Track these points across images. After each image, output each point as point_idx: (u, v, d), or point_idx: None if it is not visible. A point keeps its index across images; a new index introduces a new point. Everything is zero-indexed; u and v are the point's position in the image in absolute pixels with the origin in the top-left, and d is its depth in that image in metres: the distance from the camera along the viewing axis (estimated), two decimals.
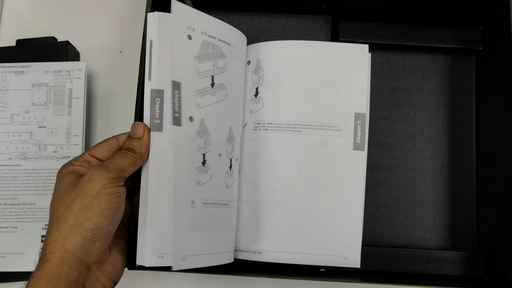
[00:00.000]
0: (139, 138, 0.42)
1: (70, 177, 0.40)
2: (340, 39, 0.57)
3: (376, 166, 0.57)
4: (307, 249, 0.50)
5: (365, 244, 0.55)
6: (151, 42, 0.43)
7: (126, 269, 0.45)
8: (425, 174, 0.57)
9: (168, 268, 0.42)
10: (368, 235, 0.56)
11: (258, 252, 0.50)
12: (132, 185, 0.43)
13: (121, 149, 0.42)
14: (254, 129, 0.52)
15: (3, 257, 0.54)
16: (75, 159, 0.42)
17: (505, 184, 0.50)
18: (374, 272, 0.54)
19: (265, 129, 0.51)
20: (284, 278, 0.54)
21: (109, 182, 0.38)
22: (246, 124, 0.52)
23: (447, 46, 0.57)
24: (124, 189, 0.40)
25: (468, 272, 0.53)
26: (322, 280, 0.55)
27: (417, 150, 0.57)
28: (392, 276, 0.53)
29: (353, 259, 0.50)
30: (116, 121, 0.60)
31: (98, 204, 0.38)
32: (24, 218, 0.55)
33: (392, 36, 0.58)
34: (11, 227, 0.55)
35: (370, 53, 0.52)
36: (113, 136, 0.43)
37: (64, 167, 0.41)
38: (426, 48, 0.58)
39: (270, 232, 0.50)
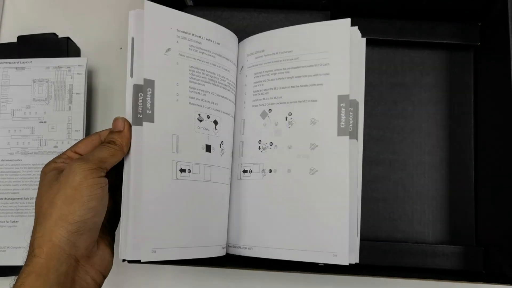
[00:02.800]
0: (120, 131, 0.43)
1: (52, 173, 0.40)
2: None
3: (374, 161, 0.57)
4: (296, 245, 0.48)
5: (364, 239, 0.55)
6: (132, 39, 0.44)
7: (124, 264, 0.45)
8: (423, 169, 0.57)
9: (158, 262, 0.43)
10: (367, 229, 0.56)
11: (249, 248, 0.50)
12: (113, 181, 0.43)
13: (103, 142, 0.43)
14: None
15: (3, 251, 0.55)
16: (58, 156, 0.42)
17: (503, 178, 0.50)
18: (372, 266, 0.54)
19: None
20: (280, 271, 0.54)
21: (89, 173, 0.38)
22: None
23: (445, 41, 0.57)
24: (105, 180, 0.40)
25: (466, 266, 0.54)
26: (319, 274, 0.55)
27: (416, 145, 0.57)
28: (391, 270, 0.54)
29: (342, 256, 0.46)
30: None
31: (80, 196, 0.38)
32: (25, 213, 0.56)
33: (390, 32, 0.58)
34: (12, 222, 0.55)
35: (355, 28, 0.48)
36: (95, 133, 0.44)
37: (47, 165, 0.42)
38: (424, 43, 0.58)
39: (259, 228, 0.50)
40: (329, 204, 0.47)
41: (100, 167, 0.40)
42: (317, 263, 0.52)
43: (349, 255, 0.46)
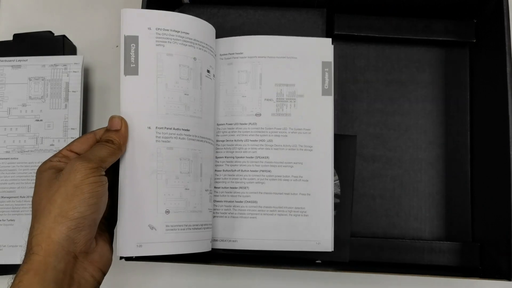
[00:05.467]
0: (117, 130, 0.43)
1: (49, 172, 0.40)
2: (335, 32, 0.58)
3: (371, 158, 0.57)
4: (280, 235, 0.51)
5: (361, 235, 0.56)
6: (125, 37, 0.45)
7: (122, 263, 0.45)
8: (420, 165, 0.57)
9: (155, 258, 0.44)
10: (364, 226, 0.56)
11: (233, 241, 0.51)
12: (111, 178, 0.44)
13: (99, 141, 0.43)
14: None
15: (0, 250, 0.55)
16: (54, 155, 0.42)
17: (499, 175, 0.51)
18: (369, 263, 0.54)
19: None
20: (278, 268, 0.55)
21: (91, 172, 0.39)
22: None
23: (441, 39, 0.58)
24: (105, 178, 0.40)
25: (463, 262, 0.54)
26: (316, 271, 0.55)
27: (412, 142, 0.58)
28: (388, 266, 0.54)
29: (325, 244, 0.51)
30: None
31: (81, 193, 0.38)
32: (21, 211, 0.55)
33: (386, 29, 0.58)
34: (9, 220, 0.55)
35: (333, 45, 0.54)
36: (90, 131, 0.45)
37: (43, 164, 0.42)
38: (420, 41, 0.58)
39: (243, 220, 0.51)
40: (312, 193, 0.51)
41: (101, 166, 0.40)
42: (315, 260, 0.52)
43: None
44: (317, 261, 0.53)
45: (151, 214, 0.44)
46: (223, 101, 0.53)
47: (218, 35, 0.53)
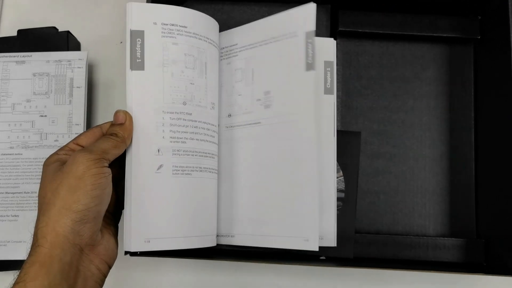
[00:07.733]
0: (121, 124, 0.43)
1: (55, 165, 0.40)
2: (339, 29, 0.58)
3: (375, 155, 0.57)
4: (269, 231, 0.49)
5: (365, 232, 0.56)
6: (131, 31, 0.45)
7: (127, 259, 0.45)
8: (424, 162, 0.57)
9: (159, 254, 0.44)
10: (368, 222, 0.56)
11: (231, 236, 0.51)
12: (116, 172, 0.44)
13: (104, 135, 0.43)
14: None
15: (4, 245, 0.55)
16: (61, 148, 0.43)
17: (503, 171, 0.51)
18: (373, 259, 0.54)
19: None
20: (282, 264, 0.54)
21: (93, 163, 0.39)
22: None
23: (445, 35, 0.58)
24: (109, 170, 0.40)
25: (467, 258, 0.54)
26: (321, 266, 0.55)
27: (416, 139, 0.58)
28: (392, 262, 0.54)
29: (328, 239, 0.50)
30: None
31: (84, 185, 0.38)
32: (25, 207, 0.55)
33: (391, 26, 0.58)
34: (13, 216, 0.55)
35: (336, 44, 0.53)
36: (96, 125, 0.45)
37: (49, 157, 0.42)
38: (424, 37, 0.58)
39: (244, 217, 0.51)
40: (299, 189, 0.48)
41: (103, 157, 0.40)
42: (319, 256, 0.52)
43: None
44: (322, 257, 0.53)
45: (158, 209, 0.44)
46: (224, 101, 0.53)
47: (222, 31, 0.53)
